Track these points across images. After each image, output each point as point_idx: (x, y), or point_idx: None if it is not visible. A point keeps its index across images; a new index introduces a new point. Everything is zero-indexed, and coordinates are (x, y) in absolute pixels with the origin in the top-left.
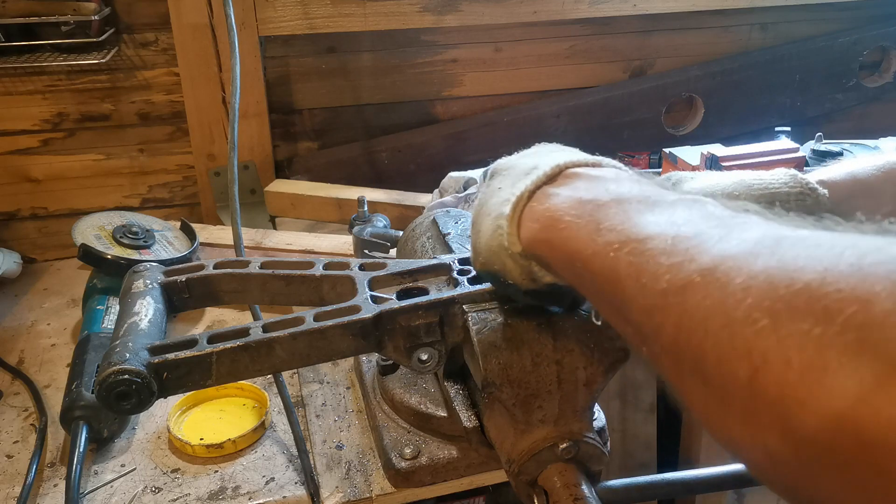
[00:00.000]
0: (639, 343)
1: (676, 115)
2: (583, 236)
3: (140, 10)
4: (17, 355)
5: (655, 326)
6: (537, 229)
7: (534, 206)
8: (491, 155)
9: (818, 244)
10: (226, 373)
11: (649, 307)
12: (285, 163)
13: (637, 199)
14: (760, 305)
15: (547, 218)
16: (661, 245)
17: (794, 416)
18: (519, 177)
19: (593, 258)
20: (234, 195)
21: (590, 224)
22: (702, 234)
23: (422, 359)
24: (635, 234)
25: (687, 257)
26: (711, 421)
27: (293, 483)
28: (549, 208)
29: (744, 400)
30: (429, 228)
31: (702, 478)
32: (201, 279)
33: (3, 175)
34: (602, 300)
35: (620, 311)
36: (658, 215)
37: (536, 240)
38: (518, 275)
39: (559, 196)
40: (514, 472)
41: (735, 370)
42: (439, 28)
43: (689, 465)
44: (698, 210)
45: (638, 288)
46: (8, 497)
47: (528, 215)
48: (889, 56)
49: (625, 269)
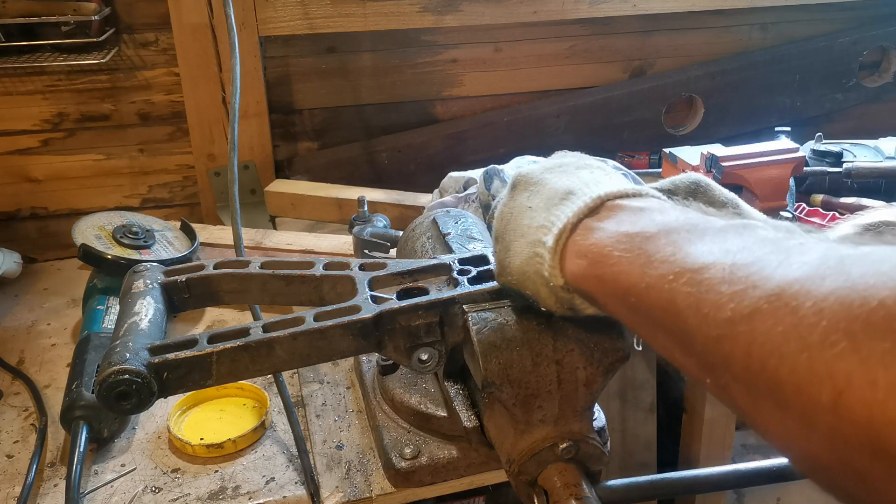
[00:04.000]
0: (703, 374)
1: (676, 115)
2: (635, 270)
3: (140, 10)
4: (18, 355)
5: (723, 356)
6: (585, 265)
7: (577, 241)
8: (491, 155)
9: (883, 260)
10: (226, 373)
11: (715, 337)
12: (285, 163)
13: (685, 227)
14: (837, 327)
15: (595, 254)
16: (719, 274)
17: (886, 437)
18: (553, 200)
19: (648, 291)
20: (234, 195)
21: (641, 257)
22: (760, 260)
23: (422, 359)
24: (690, 264)
25: (749, 284)
26: (794, 447)
27: (293, 483)
28: (597, 244)
29: (829, 424)
30: (429, 228)
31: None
32: (201, 279)
33: (4, 175)
34: (658, 333)
35: (681, 342)
36: (710, 244)
37: (585, 276)
38: (553, 303)
39: (605, 231)
40: (514, 471)
41: (817, 394)
42: (439, 28)
43: (689, 465)
44: (750, 235)
45: (700, 318)
46: (8, 497)
47: (573, 250)
48: (889, 56)
49: (683, 301)
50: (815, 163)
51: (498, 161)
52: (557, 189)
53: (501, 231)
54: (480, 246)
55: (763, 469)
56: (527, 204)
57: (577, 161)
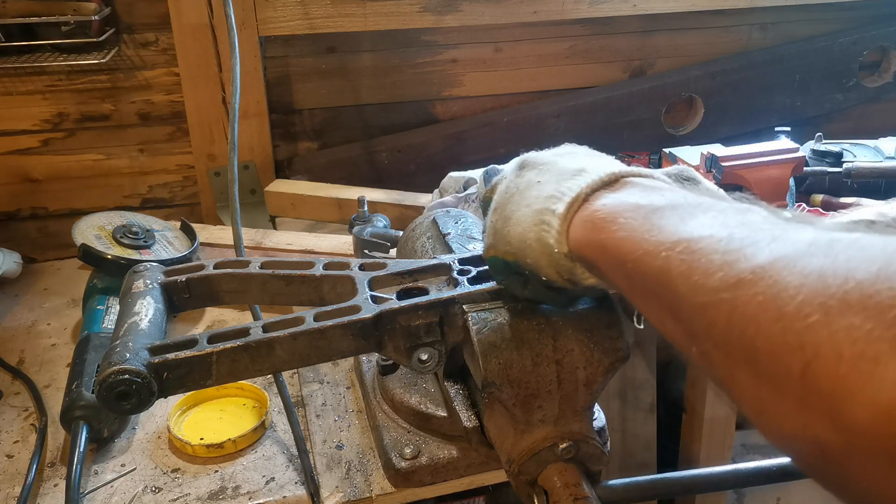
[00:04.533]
0: (688, 342)
1: (676, 115)
2: (636, 237)
3: (140, 10)
4: (18, 355)
5: (707, 323)
6: (589, 230)
7: (587, 208)
8: (491, 155)
9: (871, 245)
10: (226, 373)
11: (701, 304)
12: (285, 163)
13: (691, 204)
14: (813, 302)
15: (600, 220)
16: (713, 245)
17: (846, 408)
18: (564, 175)
19: (644, 258)
20: (234, 195)
21: (644, 225)
22: (754, 234)
23: (422, 359)
24: (688, 234)
25: (740, 256)
26: (763, 414)
27: (293, 483)
28: (604, 209)
29: (796, 392)
30: (429, 228)
31: (702, 478)
32: (201, 279)
33: (3, 175)
34: (651, 301)
35: (671, 309)
36: (712, 218)
37: (587, 242)
38: (552, 273)
39: (614, 199)
40: (514, 471)
41: (788, 363)
42: (439, 28)
43: (689, 465)
44: (751, 214)
45: (689, 286)
46: (8, 497)
47: (581, 216)
48: (889, 56)
49: (676, 268)
50: (815, 163)
51: (498, 161)
52: (568, 167)
53: (503, 203)
54: (480, 246)
55: (763, 469)
56: (535, 179)
57: (586, 151)
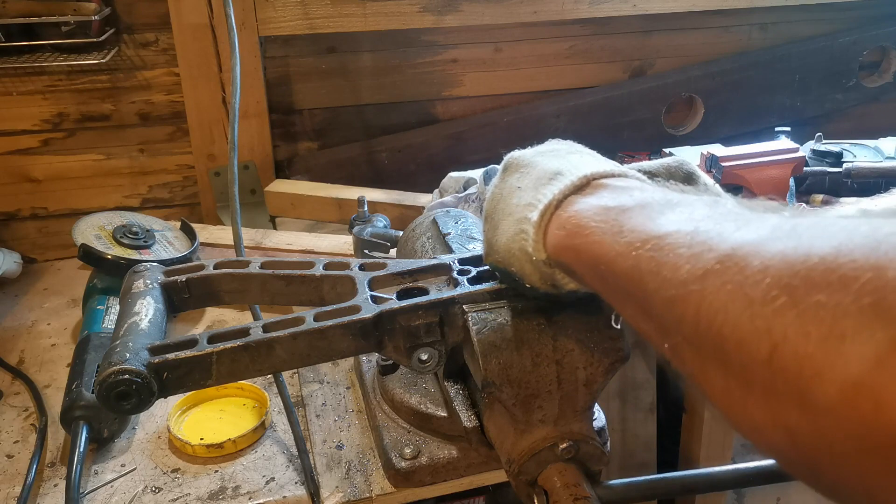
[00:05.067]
0: (660, 339)
1: (676, 115)
2: (607, 240)
3: (140, 10)
4: (18, 355)
5: (676, 317)
6: (563, 236)
7: (560, 215)
8: (491, 155)
9: (833, 224)
10: (226, 373)
11: (670, 299)
12: (285, 163)
13: (660, 202)
14: (778, 283)
15: (573, 225)
16: (680, 239)
17: (813, 388)
18: (542, 180)
19: (616, 259)
20: (234, 195)
21: (614, 227)
22: (720, 225)
23: (422, 359)
24: (656, 231)
25: (706, 248)
26: (733, 408)
27: (293, 483)
28: (575, 216)
29: (764, 380)
30: (429, 228)
31: (702, 478)
32: (201, 279)
33: (4, 175)
34: (625, 301)
35: (643, 307)
36: (678, 214)
37: (562, 247)
38: (537, 279)
39: (585, 204)
40: (514, 471)
41: (755, 350)
42: (439, 28)
43: (689, 465)
44: (718, 207)
45: (659, 282)
46: (8, 497)
47: (555, 223)
48: (889, 56)
49: (646, 265)
50: (815, 163)
51: (498, 161)
52: (547, 170)
53: (491, 211)
54: (480, 246)
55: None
56: (516, 185)
57: (568, 147)
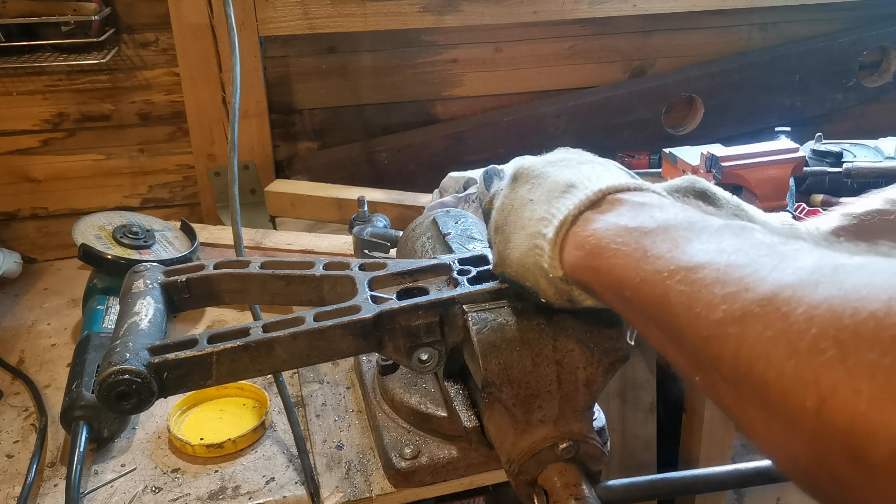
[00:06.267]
0: (693, 370)
1: (676, 115)
2: (630, 264)
3: (140, 10)
4: (18, 355)
5: (713, 356)
6: (582, 256)
7: (577, 232)
8: (491, 155)
9: (879, 271)
10: (226, 373)
11: (705, 337)
12: (285, 163)
13: (683, 225)
14: (826, 335)
15: (592, 245)
16: (712, 274)
17: (865, 446)
18: (554, 193)
19: (642, 286)
20: (234, 195)
21: (637, 251)
22: (754, 262)
23: (422, 359)
24: (685, 262)
25: (742, 287)
26: (777, 449)
27: (293, 483)
28: (594, 235)
29: (811, 429)
30: (429, 228)
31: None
32: (201, 279)
33: (4, 175)
34: (652, 327)
35: (673, 339)
36: (706, 243)
37: (581, 266)
38: (552, 294)
39: (604, 222)
40: (514, 471)
41: (802, 400)
42: (439, 28)
43: (689, 465)
44: (746, 237)
45: (692, 317)
46: (8, 497)
47: (572, 241)
48: (889, 56)
49: (676, 298)
50: (815, 163)
51: (498, 161)
52: (559, 182)
53: (501, 223)
54: (480, 246)
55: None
56: (528, 196)
57: (578, 157)
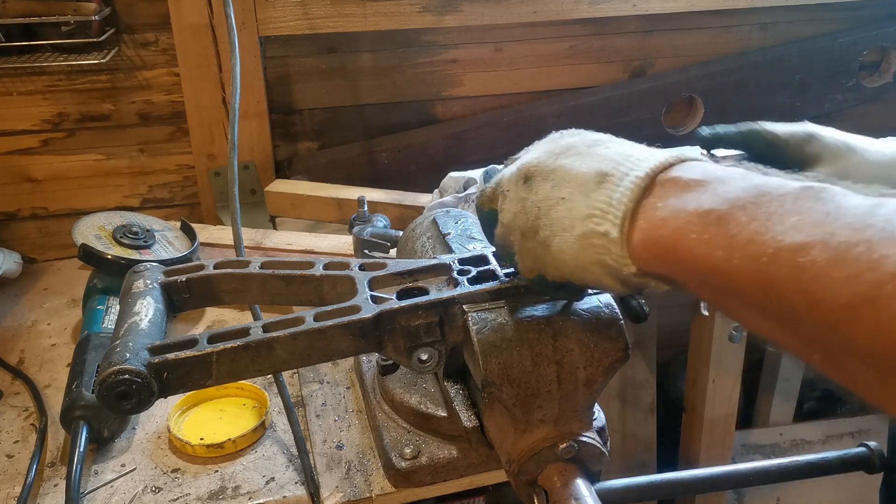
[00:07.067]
0: (810, 352)
1: (676, 115)
2: (717, 253)
3: (140, 10)
4: (18, 355)
5: (842, 338)
6: (659, 251)
7: (642, 227)
8: (491, 155)
9: None
10: (226, 373)
11: (832, 322)
12: (285, 163)
13: (754, 198)
14: None
15: (668, 239)
16: (823, 254)
17: None
18: (588, 186)
19: (737, 274)
20: (234, 195)
21: (719, 238)
22: (857, 233)
23: (422, 359)
24: (786, 243)
25: (864, 267)
26: None
27: (293, 483)
28: (663, 226)
29: None
30: (429, 228)
31: (702, 478)
32: (201, 279)
33: (4, 175)
34: (751, 313)
35: (784, 323)
36: (795, 217)
37: (661, 261)
38: (619, 288)
39: (668, 210)
40: (514, 471)
41: None
42: (439, 28)
43: (689, 465)
44: (835, 204)
45: (811, 303)
46: (8, 497)
47: (640, 237)
48: (889, 56)
49: (786, 284)
50: None
51: (498, 161)
52: (585, 173)
53: (530, 227)
54: (480, 246)
55: (763, 469)
56: (556, 195)
57: (582, 139)
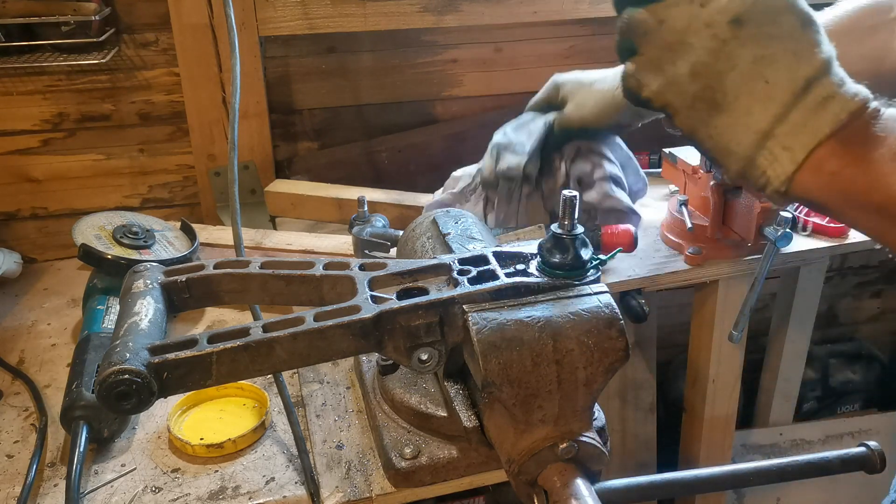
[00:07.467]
0: None
1: None
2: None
3: (140, 10)
4: (18, 355)
5: None
6: (827, 182)
7: (822, 156)
8: None
9: None
10: (226, 373)
11: None
12: (285, 163)
13: None
14: None
15: (850, 171)
16: None
17: None
18: (795, 83)
19: None
20: (234, 195)
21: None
22: None
23: (422, 359)
24: None
25: None
26: None
27: (293, 483)
28: (853, 159)
29: None
30: (429, 228)
31: (702, 478)
32: (201, 279)
33: (4, 175)
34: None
35: None
36: None
37: (821, 189)
38: (739, 181)
39: (860, 146)
40: (514, 471)
41: None
42: (439, 28)
43: (689, 465)
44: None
45: None
46: (8, 497)
47: (814, 165)
48: None
49: None
50: None
51: None
52: (799, 60)
53: (717, 72)
54: (480, 246)
55: (763, 469)
56: (761, 52)
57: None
